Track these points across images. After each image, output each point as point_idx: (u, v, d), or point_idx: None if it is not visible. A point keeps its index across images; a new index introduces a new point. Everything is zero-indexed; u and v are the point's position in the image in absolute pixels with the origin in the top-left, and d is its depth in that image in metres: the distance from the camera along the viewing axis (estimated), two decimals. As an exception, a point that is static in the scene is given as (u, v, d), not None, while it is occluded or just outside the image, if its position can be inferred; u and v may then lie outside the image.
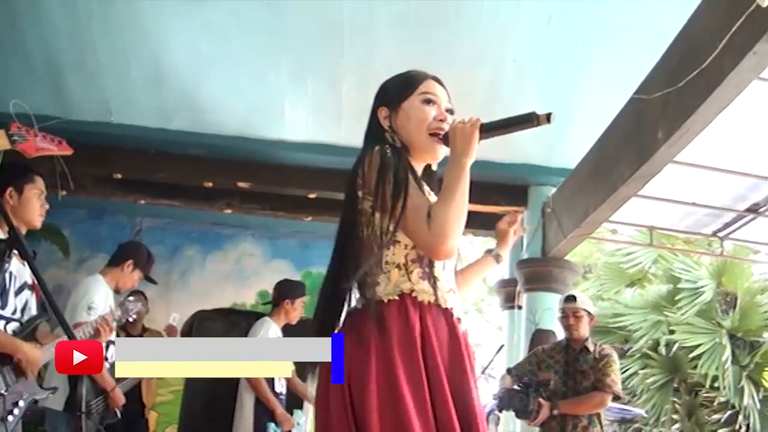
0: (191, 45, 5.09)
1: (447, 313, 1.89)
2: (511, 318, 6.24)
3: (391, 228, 1.86)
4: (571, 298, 4.73)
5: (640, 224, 7.44)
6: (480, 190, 5.71)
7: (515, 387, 4.65)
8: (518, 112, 5.06)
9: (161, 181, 6.20)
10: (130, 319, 4.13)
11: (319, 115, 5.48)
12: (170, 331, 5.67)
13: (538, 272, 5.70)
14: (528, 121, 1.92)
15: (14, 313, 3.04)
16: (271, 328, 4.91)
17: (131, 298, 4.01)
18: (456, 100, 5.07)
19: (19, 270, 3.07)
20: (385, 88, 2.18)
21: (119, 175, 6.08)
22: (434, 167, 2.14)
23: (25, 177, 3.21)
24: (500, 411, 4.89)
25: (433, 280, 1.89)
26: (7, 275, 2.95)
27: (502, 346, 5.74)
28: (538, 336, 5.53)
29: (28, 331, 3.07)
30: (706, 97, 3.27)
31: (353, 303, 1.96)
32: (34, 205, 3.20)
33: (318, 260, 7.48)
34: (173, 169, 5.93)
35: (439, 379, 1.78)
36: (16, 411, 2.91)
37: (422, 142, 2.03)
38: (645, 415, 8.38)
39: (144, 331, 5.77)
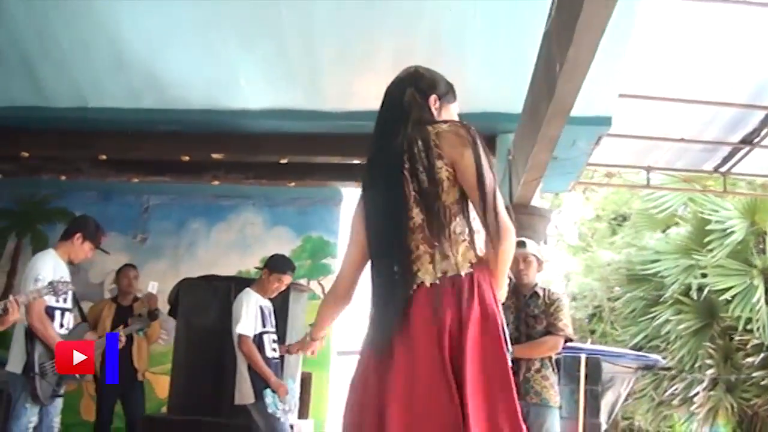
0: (144, 26, 5.29)
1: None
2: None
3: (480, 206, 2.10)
4: (521, 244, 4.71)
5: (636, 166, 7.32)
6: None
7: None
8: (463, 64, 5.02)
9: (142, 159, 6.47)
10: (60, 300, 4.39)
11: (274, 81, 5.61)
12: (150, 299, 5.95)
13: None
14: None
15: None
16: (251, 299, 5.10)
17: (63, 279, 4.26)
18: (400, 56, 5.17)
19: None
20: (436, 81, 2.40)
21: (103, 156, 6.39)
22: None
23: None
24: None
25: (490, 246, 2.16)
26: None
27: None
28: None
29: None
30: (578, 19, 3.21)
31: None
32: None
33: (316, 225, 7.69)
34: (150, 147, 6.19)
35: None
36: None
37: None
38: (663, 362, 8.22)
39: (134, 301, 6.08)
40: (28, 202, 8.06)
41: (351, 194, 7.73)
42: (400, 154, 2.16)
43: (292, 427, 5.11)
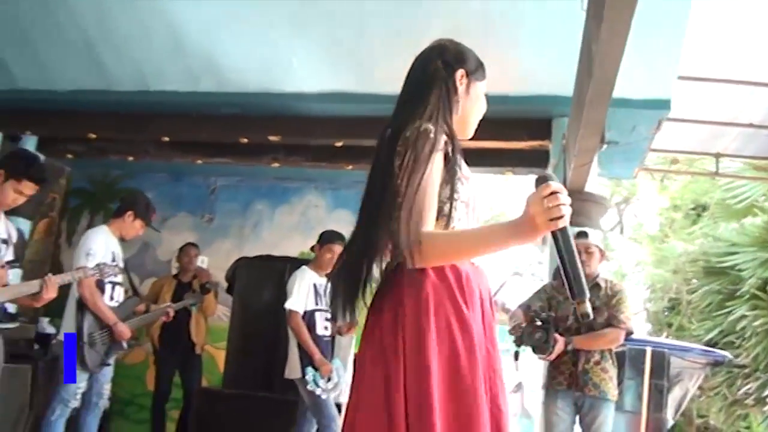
0: (201, 10, 5.43)
1: (475, 270, 1.98)
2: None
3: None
4: (583, 234, 4.67)
5: (704, 152, 7.05)
6: (502, 127, 5.76)
7: (536, 323, 4.64)
8: (516, 45, 4.96)
9: (204, 141, 6.66)
10: (105, 280, 4.56)
11: (326, 65, 5.65)
12: (201, 273, 6.14)
13: (562, 207, 5.57)
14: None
15: None
16: (305, 276, 5.21)
17: (108, 259, 4.44)
18: (450, 37, 5.13)
19: None
20: (465, 54, 2.22)
21: (166, 138, 6.60)
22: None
23: (17, 172, 3.67)
24: (518, 346, 4.90)
25: None
26: None
27: (504, 282, 5.66)
28: (559, 272, 5.44)
29: None
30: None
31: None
32: (7, 195, 3.67)
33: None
34: (210, 129, 6.35)
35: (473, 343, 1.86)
36: None
37: (471, 127, 2.24)
38: (732, 358, 7.91)
39: (194, 278, 6.27)
40: (101, 182, 8.40)
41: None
42: None
43: (339, 406, 5.18)
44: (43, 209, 7.97)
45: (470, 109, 2.18)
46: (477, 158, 6.27)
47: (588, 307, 1.74)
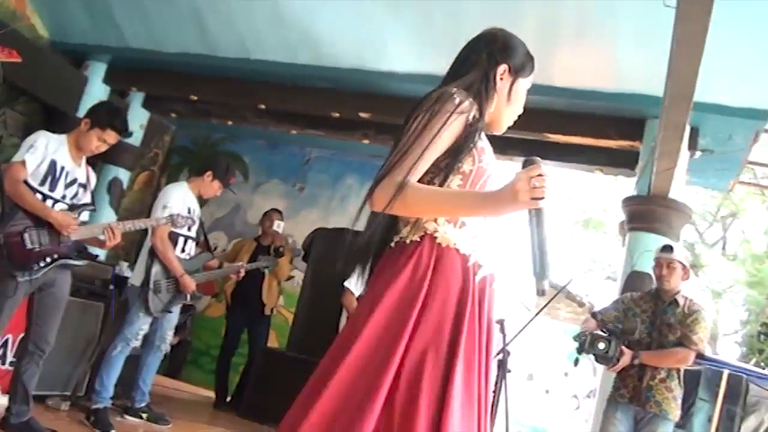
0: (302, -17, 5.61)
1: (464, 259, 1.89)
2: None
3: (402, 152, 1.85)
4: (668, 248, 4.52)
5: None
6: (594, 123, 5.66)
7: (599, 332, 4.58)
8: (612, 40, 4.87)
9: (299, 112, 6.84)
10: (178, 233, 4.79)
11: (419, 46, 5.69)
12: (276, 237, 6.33)
13: (641, 211, 5.43)
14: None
15: (63, 198, 3.80)
16: None
17: (184, 213, 4.63)
18: (545, 27, 5.10)
19: (72, 168, 3.86)
20: (514, 49, 2.13)
21: (263, 106, 6.82)
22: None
23: (101, 122, 3.88)
24: (580, 353, 4.84)
25: (458, 224, 1.91)
26: (57, 167, 3.76)
27: (570, 281, 5.52)
28: (633, 278, 5.32)
29: (73, 212, 3.81)
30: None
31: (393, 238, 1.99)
32: (91, 142, 3.90)
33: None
34: (305, 101, 6.52)
35: (429, 327, 1.80)
36: (42, 264, 3.64)
37: (504, 123, 2.17)
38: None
39: (272, 242, 6.47)
40: (203, 142, 8.74)
41: (501, 166, 7.68)
42: None
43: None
44: (145, 162, 8.39)
45: (504, 107, 2.11)
46: (566, 153, 6.25)
47: (545, 284, 1.76)
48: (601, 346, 4.39)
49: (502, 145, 6.50)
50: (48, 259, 3.68)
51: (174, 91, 7.06)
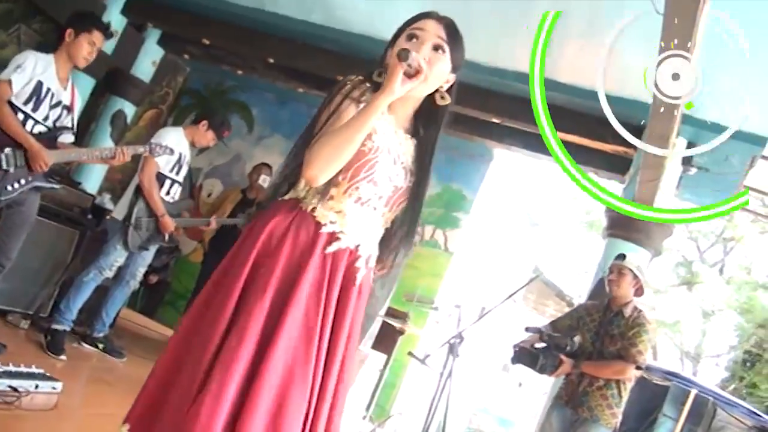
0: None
1: (317, 227, 1.98)
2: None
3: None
4: (621, 256, 4.55)
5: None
6: (590, 123, 5.63)
7: (534, 346, 4.60)
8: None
9: (306, 70, 6.83)
10: (173, 172, 4.90)
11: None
12: (259, 191, 6.35)
13: (621, 218, 5.36)
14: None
15: (45, 120, 3.83)
16: None
17: (165, 145, 4.58)
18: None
19: (58, 90, 3.87)
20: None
21: (272, 60, 6.83)
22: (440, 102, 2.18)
23: (85, 25, 3.91)
24: (513, 363, 4.86)
25: (325, 195, 1.99)
26: (43, 89, 3.78)
27: (535, 276, 5.50)
28: (600, 285, 5.31)
29: (51, 135, 3.86)
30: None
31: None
32: (82, 47, 3.92)
33: (459, 177, 7.69)
34: (313, 60, 6.51)
35: (265, 278, 1.91)
36: (15, 185, 3.68)
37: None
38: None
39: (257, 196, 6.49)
40: (214, 89, 8.77)
41: (502, 156, 7.66)
42: None
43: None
44: (153, 100, 8.43)
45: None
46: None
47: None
48: (528, 359, 4.45)
49: (502, 135, 6.51)
50: (22, 181, 3.72)
51: (188, 31, 7.09)
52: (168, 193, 4.97)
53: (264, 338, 1.85)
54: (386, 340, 6.60)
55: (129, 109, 7.48)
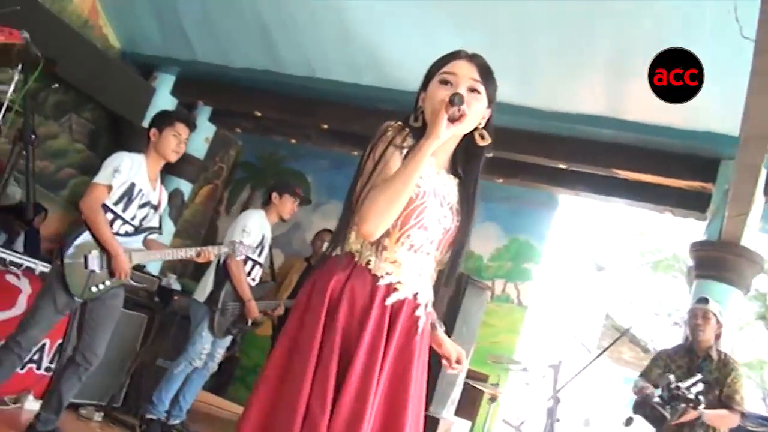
0: (369, 4, 5.54)
1: (374, 280, 1.96)
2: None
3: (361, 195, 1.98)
4: (703, 300, 4.35)
5: None
6: (664, 161, 5.39)
7: (655, 398, 4.35)
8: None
9: (362, 133, 6.73)
10: (238, 258, 4.71)
11: (486, 72, 5.53)
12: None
13: (710, 257, 5.11)
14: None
15: (132, 219, 3.80)
16: None
17: (244, 242, 4.59)
18: (618, 57, 4.86)
19: (148, 191, 3.85)
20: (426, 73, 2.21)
21: (326, 126, 6.75)
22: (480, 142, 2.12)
23: (167, 121, 3.89)
24: (634, 412, 4.59)
25: (379, 248, 1.98)
26: (135, 190, 3.77)
27: (627, 329, 5.16)
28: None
29: (137, 235, 3.83)
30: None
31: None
32: (169, 141, 3.87)
33: (526, 227, 7.46)
34: (369, 123, 6.32)
35: (332, 338, 1.91)
36: (101, 286, 3.68)
37: (430, 119, 2.05)
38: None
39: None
40: (268, 159, 8.74)
41: (567, 202, 7.42)
42: None
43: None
44: (208, 176, 8.43)
45: (427, 111, 2.06)
46: (635, 191, 5.97)
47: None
48: (651, 413, 4.20)
49: (571, 180, 6.29)
50: (107, 283, 3.70)
51: (239, 105, 7.10)
52: (250, 274, 4.90)
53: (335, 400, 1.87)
54: (468, 405, 6.32)
55: (185, 187, 7.47)
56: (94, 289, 3.65)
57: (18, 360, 3.59)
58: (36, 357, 4.41)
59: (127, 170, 3.71)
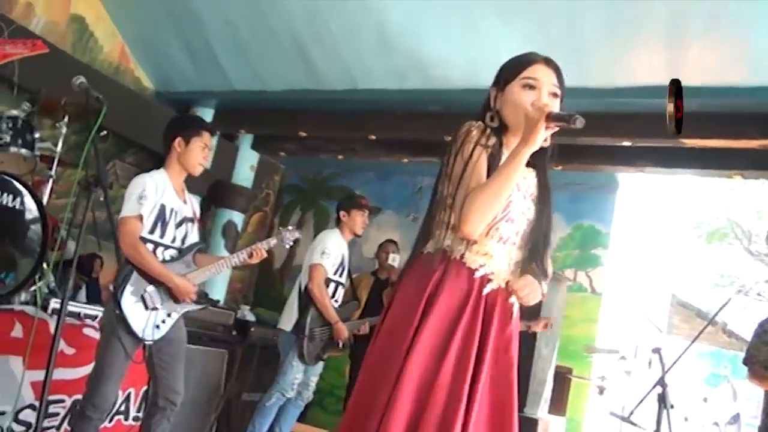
0: (407, 6, 5.40)
1: (470, 272, 2.12)
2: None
3: (450, 197, 2.14)
4: None
5: None
6: (729, 122, 5.18)
7: None
8: (748, 28, 4.42)
9: (410, 139, 6.60)
10: (337, 274, 4.81)
11: (535, 58, 5.36)
12: (390, 270, 6.08)
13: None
14: (567, 120, 2.02)
15: (173, 241, 3.61)
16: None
17: (290, 228, 4.25)
18: (674, 21, 4.65)
19: (180, 207, 3.65)
20: (500, 69, 2.36)
21: (373, 137, 6.62)
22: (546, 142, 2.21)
23: (191, 130, 3.69)
24: None
25: (469, 242, 2.11)
26: (167, 211, 3.56)
27: (729, 299, 4.93)
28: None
29: (184, 256, 3.65)
30: None
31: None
32: (196, 152, 3.69)
33: (589, 213, 7.26)
34: (416, 127, 6.26)
35: (432, 327, 2.04)
36: (167, 320, 3.52)
37: (518, 125, 2.17)
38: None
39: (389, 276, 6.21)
40: (313, 179, 8.67)
41: (628, 180, 7.21)
42: None
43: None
44: (257, 204, 8.37)
45: (507, 113, 2.24)
46: (703, 158, 5.74)
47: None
48: None
49: (633, 157, 6.07)
50: (173, 314, 3.55)
51: (282, 129, 7.00)
52: (333, 296, 4.82)
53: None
54: (556, 401, 6.14)
55: (237, 218, 7.39)
56: (161, 325, 3.49)
57: (99, 423, 3.40)
58: (122, 408, 4.31)
59: (153, 193, 3.48)
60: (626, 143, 5.71)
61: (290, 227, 4.19)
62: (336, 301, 4.89)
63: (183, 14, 6.22)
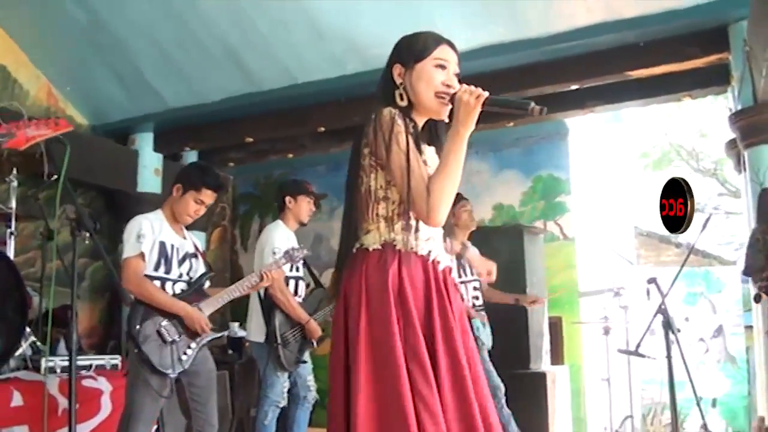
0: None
1: (423, 259, 2.15)
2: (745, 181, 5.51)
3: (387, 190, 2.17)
4: None
5: None
6: (672, 46, 5.23)
7: None
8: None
9: (357, 125, 6.50)
10: (294, 269, 4.58)
11: (471, 19, 5.31)
12: None
13: (754, 123, 4.95)
14: (522, 108, 2.05)
15: (180, 276, 3.63)
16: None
17: (296, 246, 4.30)
18: None
19: (180, 243, 3.67)
20: (402, 46, 2.39)
21: (322, 129, 6.52)
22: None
23: (194, 183, 3.67)
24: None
25: (414, 230, 2.13)
26: (167, 248, 3.58)
27: (708, 217, 4.99)
28: (765, 197, 4.86)
29: (195, 288, 3.67)
30: None
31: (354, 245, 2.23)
32: (189, 206, 3.67)
33: (545, 163, 7.33)
34: (363, 111, 6.07)
35: (412, 320, 2.05)
36: (189, 352, 3.52)
37: (430, 103, 2.25)
38: None
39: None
40: (265, 183, 8.56)
41: (577, 124, 7.28)
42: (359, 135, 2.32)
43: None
44: (215, 219, 8.22)
45: (417, 90, 2.29)
46: (650, 87, 5.79)
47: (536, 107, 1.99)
48: None
49: (580, 99, 6.10)
50: (193, 345, 3.55)
51: (226, 139, 6.86)
52: (296, 293, 4.64)
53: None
54: (554, 352, 6.21)
55: (200, 237, 7.22)
56: (184, 357, 3.50)
57: None
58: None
59: (150, 231, 3.54)
60: (574, 87, 5.73)
61: (299, 246, 4.20)
62: (299, 296, 4.68)
63: (105, 42, 6.00)
